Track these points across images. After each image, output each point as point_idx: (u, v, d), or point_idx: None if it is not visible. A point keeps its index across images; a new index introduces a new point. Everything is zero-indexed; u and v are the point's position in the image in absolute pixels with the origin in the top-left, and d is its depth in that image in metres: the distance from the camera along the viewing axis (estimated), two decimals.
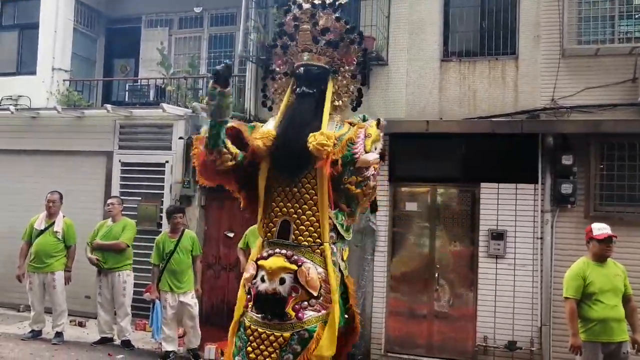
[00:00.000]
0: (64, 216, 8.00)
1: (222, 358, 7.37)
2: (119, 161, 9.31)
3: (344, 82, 3.88)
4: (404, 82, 8.64)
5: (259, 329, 3.43)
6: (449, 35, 8.64)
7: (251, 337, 3.44)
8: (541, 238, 7.58)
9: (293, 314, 3.39)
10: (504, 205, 7.73)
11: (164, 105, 8.88)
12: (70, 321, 8.42)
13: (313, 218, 3.54)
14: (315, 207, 3.53)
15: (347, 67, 3.87)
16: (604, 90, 7.60)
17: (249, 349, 3.43)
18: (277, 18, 9.07)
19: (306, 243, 3.53)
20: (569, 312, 5.38)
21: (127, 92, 10.84)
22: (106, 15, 12.21)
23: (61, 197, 8.02)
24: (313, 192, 3.54)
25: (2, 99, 10.81)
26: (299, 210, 3.54)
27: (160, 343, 7.48)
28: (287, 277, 3.39)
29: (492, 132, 7.60)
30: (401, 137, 7.79)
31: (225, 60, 3.43)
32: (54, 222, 7.88)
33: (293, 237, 3.53)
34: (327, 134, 3.47)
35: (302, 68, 3.80)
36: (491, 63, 8.27)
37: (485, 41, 8.43)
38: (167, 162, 8.94)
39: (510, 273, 7.65)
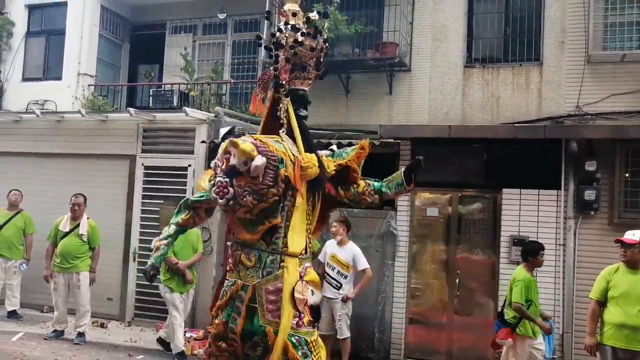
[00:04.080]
0: (88, 218, 8.10)
1: None
2: (142, 165, 9.39)
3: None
4: (427, 88, 8.66)
5: (316, 338, 3.90)
6: (473, 41, 8.65)
7: (313, 348, 3.81)
8: (563, 245, 7.51)
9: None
10: (526, 211, 7.67)
11: (187, 109, 8.94)
12: (92, 322, 8.49)
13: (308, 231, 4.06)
14: (308, 221, 4.05)
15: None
16: (630, 97, 7.55)
17: (317, 357, 3.83)
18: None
19: (311, 256, 4.05)
20: (589, 312, 5.53)
21: (150, 98, 10.97)
22: (131, 22, 12.40)
23: (85, 199, 8.13)
24: (311, 209, 4.06)
25: (28, 103, 11.01)
26: (309, 226, 4.05)
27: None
28: (312, 287, 3.94)
29: (514, 137, 7.56)
30: (423, 143, 7.79)
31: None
32: (78, 224, 7.99)
33: (309, 250, 4.05)
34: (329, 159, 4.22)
35: (302, 91, 4.09)
36: (515, 69, 8.25)
37: (509, 47, 8.43)
38: (189, 165, 9.00)
39: None
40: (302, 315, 3.77)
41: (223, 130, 8.01)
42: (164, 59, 11.85)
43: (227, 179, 3.72)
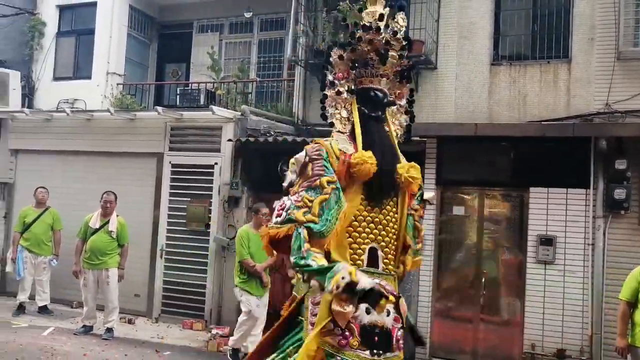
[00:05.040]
0: (117, 215, 8.22)
1: None
2: (169, 163, 9.48)
3: (397, 114, 3.81)
4: (453, 86, 8.59)
5: None
6: (499, 38, 8.56)
7: None
8: (592, 244, 7.40)
9: (396, 345, 3.27)
10: (554, 210, 7.57)
11: (214, 107, 9.01)
12: (120, 318, 8.60)
13: (393, 246, 3.48)
14: (395, 235, 3.48)
15: (398, 102, 3.80)
16: None
17: None
18: (326, 22, 9.17)
19: (394, 272, 3.47)
20: (619, 313, 5.47)
21: (178, 96, 11.08)
22: (159, 21, 12.55)
23: (116, 197, 8.24)
24: (394, 220, 3.48)
25: (59, 102, 11.21)
26: (387, 238, 3.44)
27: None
28: (390, 308, 3.28)
29: (542, 135, 7.47)
30: (449, 141, 7.75)
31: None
32: (108, 221, 8.10)
33: (383, 265, 3.42)
34: (417, 166, 3.51)
35: (375, 92, 3.66)
36: (543, 67, 8.15)
37: (537, 44, 8.32)
38: (216, 164, 9.07)
39: (559, 279, 7.48)
40: (348, 334, 3.21)
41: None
42: (191, 58, 11.96)
43: (284, 197, 3.41)
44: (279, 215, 3.32)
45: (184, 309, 9.05)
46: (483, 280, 7.88)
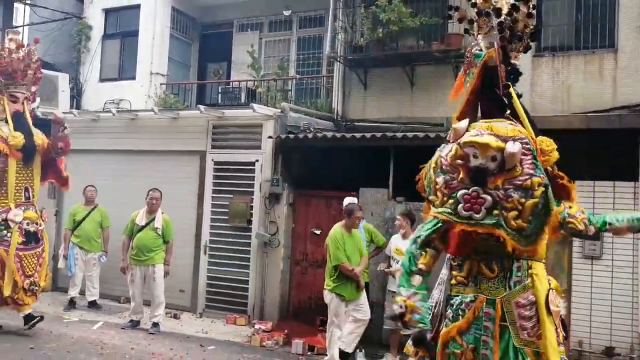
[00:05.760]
0: (162, 213, 8.39)
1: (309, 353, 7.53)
2: (212, 160, 9.60)
3: None
4: None
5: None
6: (542, 29, 8.36)
7: None
8: None
9: None
10: (600, 204, 7.35)
11: (254, 105, 9.10)
12: (166, 313, 8.75)
13: None
14: None
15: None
16: None
17: None
18: (365, 18, 9.15)
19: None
20: None
21: (219, 95, 11.24)
22: (200, 22, 12.76)
23: (161, 194, 8.42)
24: None
25: (105, 103, 11.51)
26: None
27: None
28: None
29: (587, 127, 7.27)
30: None
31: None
32: (154, 218, 8.29)
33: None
34: None
35: (517, 66, 3.58)
36: (587, 57, 7.93)
37: (581, 34, 8.10)
38: (257, 161, 9.15)
39: (607, 275, 7.28)
40: (558, 331, 3.23)
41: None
42: (232, 57, 12.12)
43: (476, 187, 3.15)
44: (475, 211, 3.10)
45: (228, 304, 9.17)
46: None
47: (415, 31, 8.81)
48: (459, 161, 3.20)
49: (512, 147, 3.08)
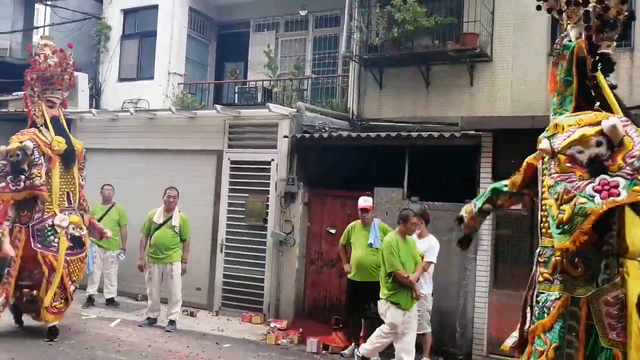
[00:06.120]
0: (179, 211, 8.48)
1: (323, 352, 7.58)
2: (228, 159, 9.67)
3: None
4: (509, 78, 8.43)
5: None
6: (557, 28, 8.30)
7: None
8: None
9: None
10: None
11: (270, 105, 9.15)
12: (182, 311, 8.83)
13: None
14: None
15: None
16: None
17: None
18: (380, 17, 9.16)
19: None
20: None
21: (236, 94, 11.32)
22: (217, 22, 12.85)
23: (178, 193, 8.50)
24: None
25: (124, 102, 11.64)
26: None
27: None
28: None
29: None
30: (506, 134, 7.59)
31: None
32: (171, 217, 8.37)
33: None
34: None
35: (610, 55, 3.49)
36: None
37: None
38: (272, 160, 9.21)
39: None
40: None
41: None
42: (249, 57, 12.18)
43: (600, 176, 3.06)
44: (615, 195, 2.98)
45: (243, 302, 9.24)
46: None
47: (431, 30, 8.80)
48: (568, 164, 3.16)
49: (609, 122, 3.03)
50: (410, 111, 9.33)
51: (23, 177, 6.98)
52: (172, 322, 8.31)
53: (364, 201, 7.47)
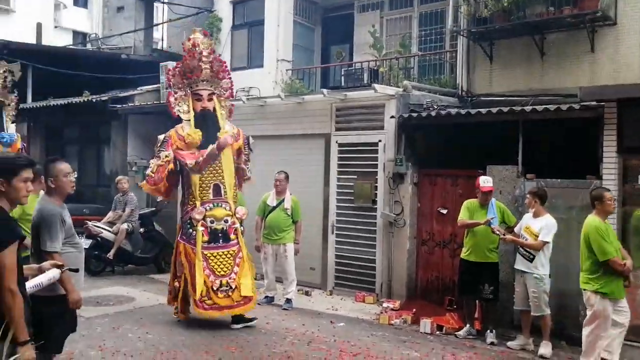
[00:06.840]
0: (290, 194, 8.70)
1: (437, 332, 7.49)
2: (336, 142, 9.75)
3: None
4: (638, 42, 7.77)
5: None
6: None
7: None
8: None
9: None
10: None
11: (376, 85, 9.10)
12: (298, 290, 9.08)
13: None
14: None
15: None
16: None
17: None
18: None
19: None
20: None
21: (342, 77, 11.33)
22: (322, 6, 12.93)
23: (287, 176, 8.71)
24: None
25: (236, 91, 12.02)
26: None
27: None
28: None
29: None
30: (633, 103, 7.03)
31: None
32: (283, 200, 8.62)
33: None
34: None
35: None
36: None
37: None
38: (379, 141, 9.16)
39: None
40: None
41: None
42: (354, 38, 12.15)
43: None
44: None
45: (356, 282, 9.34)
46: None
47: None
48: None
49: None
50: (523, 84, 8.90)
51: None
52: (288, 301, 8.58)
53: (485, 181, 7.23)
